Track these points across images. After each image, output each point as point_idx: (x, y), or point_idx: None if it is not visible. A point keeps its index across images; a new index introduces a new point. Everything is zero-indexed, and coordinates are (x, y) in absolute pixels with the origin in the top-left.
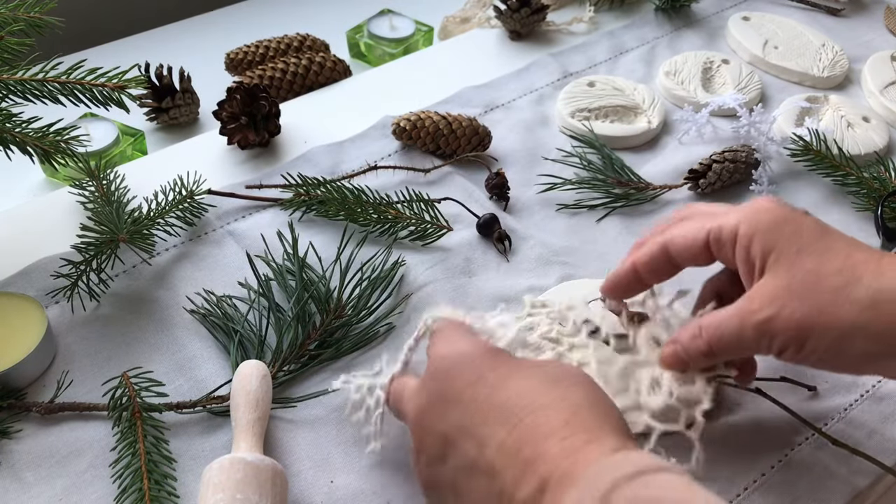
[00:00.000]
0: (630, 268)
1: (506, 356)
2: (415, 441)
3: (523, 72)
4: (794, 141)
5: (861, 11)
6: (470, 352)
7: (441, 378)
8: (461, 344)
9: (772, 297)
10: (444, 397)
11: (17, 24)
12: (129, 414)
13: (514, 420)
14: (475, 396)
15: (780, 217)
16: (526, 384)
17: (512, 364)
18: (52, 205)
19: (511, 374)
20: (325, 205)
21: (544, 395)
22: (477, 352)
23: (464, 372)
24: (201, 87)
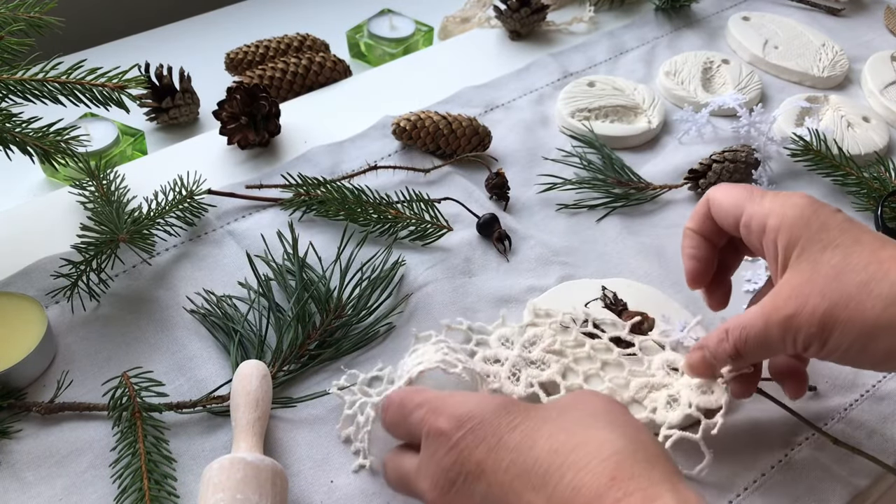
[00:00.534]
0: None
1: (520, 407)
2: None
3: (523, 72)
4: (795, 141)
5: (861, 11)
6: (479, 412)
7: (454, 450)
8: (465, 405)
9: (795, 292)
10: (462, 473)
11: (17, 24)
12: (129, 414)
13: (550, 485)
14: (498, 465)
15: (808, 212)
16: (554, 439)
17: (531, 416)
18: (52, 205)
19: (534, 429)
20: (325, 205)
21: (578, 448)
22: (487, 410)
23: (479, 438)
24: (201, 87)
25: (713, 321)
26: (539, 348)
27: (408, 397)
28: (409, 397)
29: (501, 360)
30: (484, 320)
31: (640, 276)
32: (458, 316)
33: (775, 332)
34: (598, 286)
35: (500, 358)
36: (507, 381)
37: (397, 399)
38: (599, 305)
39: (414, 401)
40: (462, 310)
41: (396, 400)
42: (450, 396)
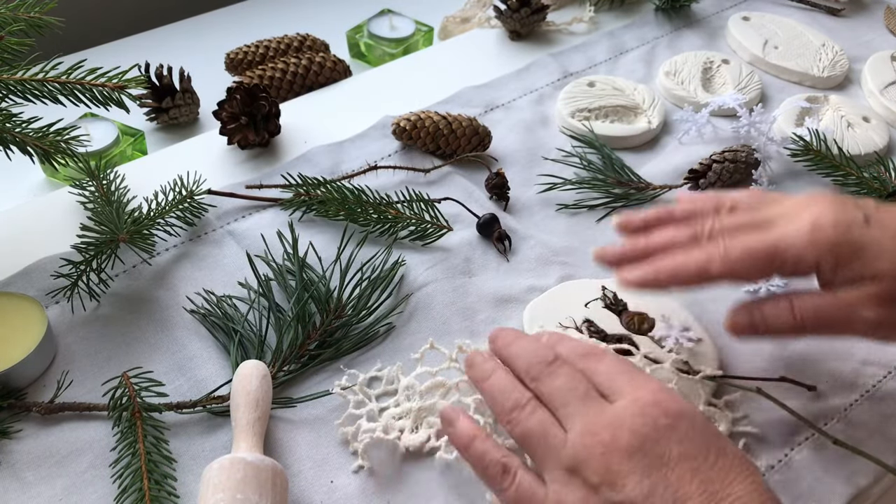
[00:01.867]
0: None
1: (637, 445)
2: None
3: (523, 72)
4: (795, 141)
5: (861, 11)
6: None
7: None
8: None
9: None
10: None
11: (17, 25)
12: (129, 414)
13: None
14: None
15: (840, 235)
16: (700, 476)
17: (664, 451)
18: (53, 205)
19: (677, 463)
20: (325, 205)
21: (737, 481)
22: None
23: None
24: (201, 87)
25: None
26: None
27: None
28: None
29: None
30: (484, 320)
31: None
32: (457, 316)
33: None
34: (598, 286)
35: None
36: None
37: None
38: (599, 305)
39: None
40: (462, 310)
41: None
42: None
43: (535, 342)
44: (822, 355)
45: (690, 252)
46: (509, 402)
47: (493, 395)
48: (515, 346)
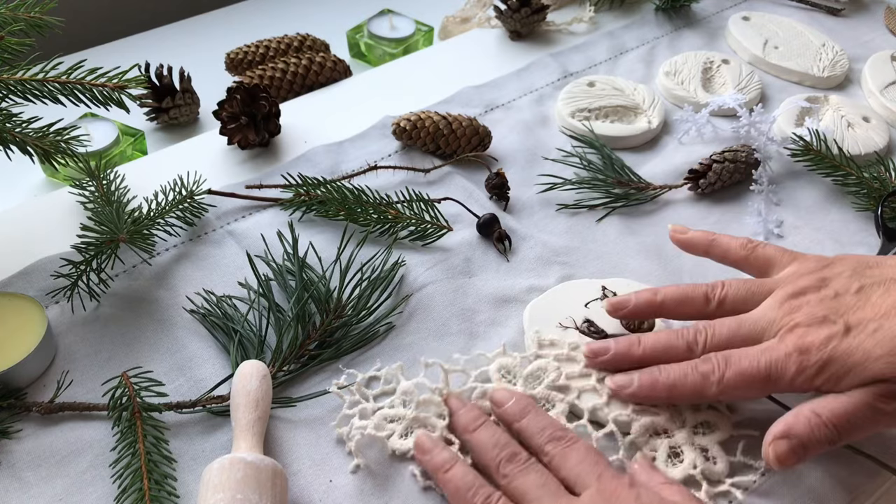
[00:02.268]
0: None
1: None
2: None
3: (523, 72)
4: (795, 141)
5: (861, 11)
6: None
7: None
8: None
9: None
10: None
11: (17, 24)
12: (129, 414)
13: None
14: None
15: (826, 356)
16: None
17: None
18: (52, 205)
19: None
20: (325, 205)
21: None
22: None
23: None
24: (201, 87)
25: None
26: (543, 385)
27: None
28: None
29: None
30: (484, 321)
31: (640, 276)
32: (457, 316)
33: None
34: (598, 286)
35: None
36: None
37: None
38: (599, 305)
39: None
40: (462, 310)
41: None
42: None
43: (497, 431)
44: None
45: (687, 373)
46: (478, 498)
47: (457, 490)
48: (480, 433)
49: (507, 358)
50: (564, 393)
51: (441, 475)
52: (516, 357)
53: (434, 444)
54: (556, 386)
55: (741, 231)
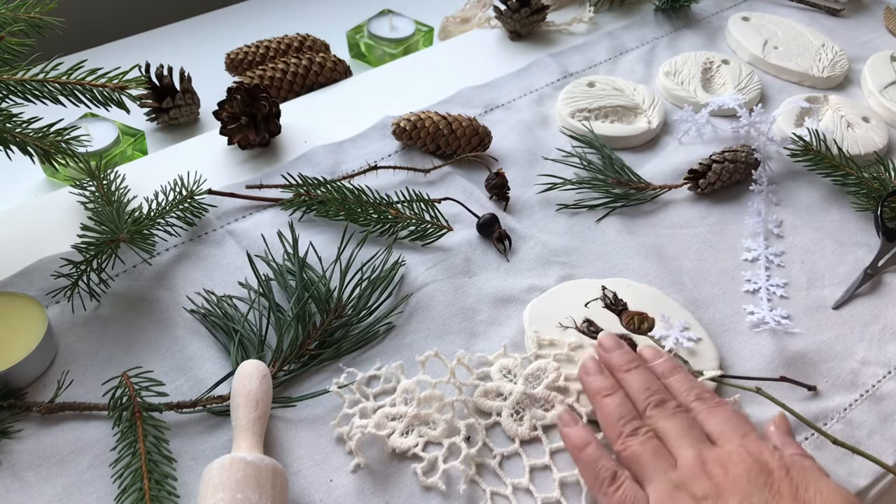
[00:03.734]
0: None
1: (743, 475)
2: None
3: (523, 72)
4: (794, 141)
5: (861, 12)
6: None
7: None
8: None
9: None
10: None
11: (17, 25)
12: (129, 414)
13: None
14: None
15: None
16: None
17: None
18: (53, 205)
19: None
20: (325, 205)
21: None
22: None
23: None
24: (201, 87)
25: (712, 322)
26: (543, 384)
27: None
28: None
29: (504, 394)
30: (484, 320)
31: (640, 276)
32: (457, 316)
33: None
34: (598, 286)
35: (503, 392)
36: (510, 419)
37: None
38: (599, 305)
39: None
40: (462, 310)
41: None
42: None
43: (650, 376)
44: (821, 355)
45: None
46: (628, 427)
47: (610, 414)
48: (633, 374)
49: (508, 359)
50: (564, 394)
51: (600, 398)
52: (517, 358)
53: (600, 369)
54: (556, 387)
55: (741, 231)
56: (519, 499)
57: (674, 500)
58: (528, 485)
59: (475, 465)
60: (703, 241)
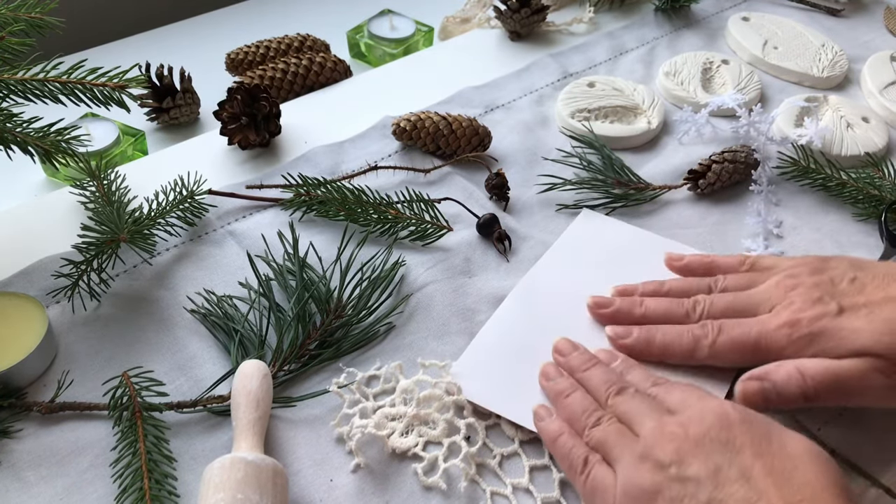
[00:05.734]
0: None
1: (704, 434)
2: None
3: (523, 72)
4: (782, 160)
5: (861, 12)
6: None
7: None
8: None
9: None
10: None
11: (18, 24)
12: (129, 413)
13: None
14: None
15: (815, 330)
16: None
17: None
18: (53, 205)
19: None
20: (325, 205)
21: (805, 465)
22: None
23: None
24: (202, 87)
25: None
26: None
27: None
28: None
29: None
30: (484, 321)
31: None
32: (457, 316)
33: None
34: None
35: None
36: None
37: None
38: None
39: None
40: (462, 310)
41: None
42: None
43: (609, 370)
44: None
45: (682, 334)
46: (591, 418)
47: (573, 409)
48: (591, 371)
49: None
50: None
51: (561, 400)
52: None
53: (558, 373)
54: None
55: (741, 231)
56: (519, 499)
57: (639, 471)
58: (528, 485)
59: (475, 465)
60: (702, 242)
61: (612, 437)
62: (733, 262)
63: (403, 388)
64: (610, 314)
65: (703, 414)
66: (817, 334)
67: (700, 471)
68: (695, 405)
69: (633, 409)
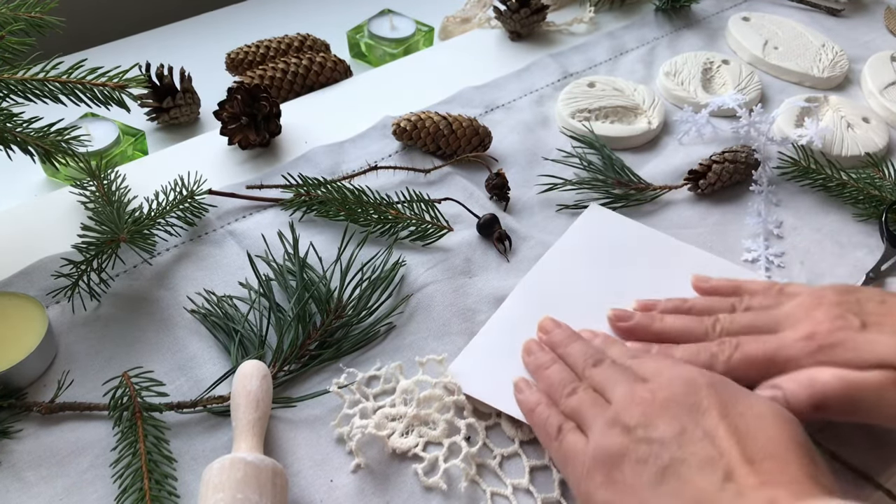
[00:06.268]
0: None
1: (670, 398)
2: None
3: (523, 72)
4: (783, 160)
5: (861, 12)
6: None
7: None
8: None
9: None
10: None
11: (17, 24)
12: (129, 414)
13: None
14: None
15: (836, 343)
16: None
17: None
18: (53, 204)
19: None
20: (325, 205)
21: (769, 424)
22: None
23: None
24: (202, 87)
25: None
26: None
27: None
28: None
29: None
30: (484, 321)
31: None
32: (457, 316)
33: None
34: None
35: None
36: (510, 420)
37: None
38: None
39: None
40: (462, 310)
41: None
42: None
43: (588, 344)
44: None
45: (699, 351)
46: (568, 388)
47: (552, 381)
48: (572, 346)
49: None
50: None
51: (542, 372)
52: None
53: (539, 348)
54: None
55: (741, 232)
56: (519, 499)
57: (607, 436)
58: (528, 485)
59: (475, 465)
60: (703, 242)
61: (586, 404)
62: (761, 286)
63: (404, 388)
64: (628, 328)
65: (671, 380)
66: (835, 345)
67: (665, 432)
68: (665, 372)
69: (608, 378)
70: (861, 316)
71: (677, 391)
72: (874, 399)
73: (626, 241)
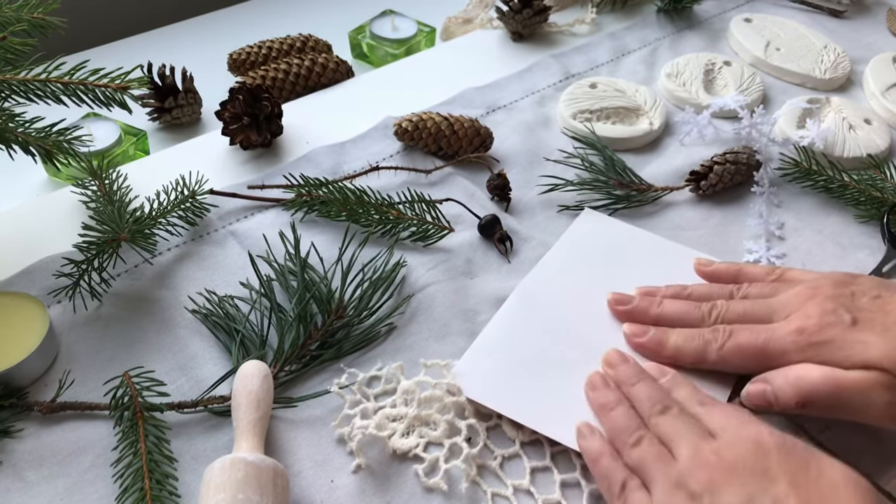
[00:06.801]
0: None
1: (739, 462)
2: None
3: (525, 73)
4: (784, 161)
5: (863, 13)
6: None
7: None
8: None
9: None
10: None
11: (20, 25)
12: (130, 413)
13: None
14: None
15: (825, 339)
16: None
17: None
18: (55, 204)
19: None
20: (326, 205)
21: (843, 493)
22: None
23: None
24: (204, 87)
25: None
26: None
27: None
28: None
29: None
30: (485, 321)
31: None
32: (458, 317)
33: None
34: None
35: None
36: (510, 420)
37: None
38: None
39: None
40: (463, 311)
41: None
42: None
43: (655, 386)
44: None
45: (694, 337)
46: (633, 437)
47: (617, 426)
48: (638, 386)
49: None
50: None
51: (606, 413)
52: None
53: (604, 383)
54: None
55: (742, 233)
56: (520, 500)
57: (672, 500)
58: (529, 486)
59: (476, 466)
60: (704, 243)
61: (650, 460)
62: (761, 271)
63: (404, 388)
64: (627, 311)
65: (738, 440)
66: (825, 343)
67: (731, 501)
68: (733, 430)
69: (674, 431)
70: (853, 311)
71: (745, 454)
72: (860, 399)
73: (622, 244)
